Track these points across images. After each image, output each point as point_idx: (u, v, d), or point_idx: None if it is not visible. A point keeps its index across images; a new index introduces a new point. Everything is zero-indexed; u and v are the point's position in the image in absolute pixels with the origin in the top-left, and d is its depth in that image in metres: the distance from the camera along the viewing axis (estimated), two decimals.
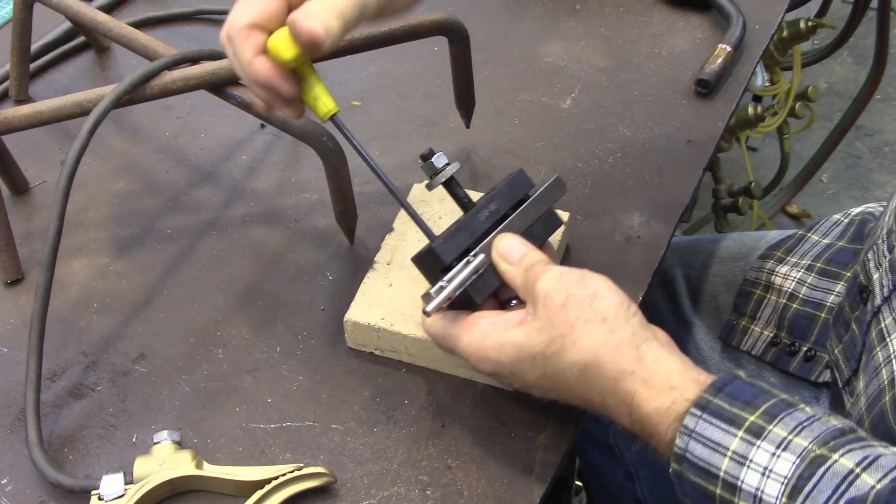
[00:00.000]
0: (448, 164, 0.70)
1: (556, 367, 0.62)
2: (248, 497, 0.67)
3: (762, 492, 0.55)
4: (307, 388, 0.76)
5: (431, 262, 0.68)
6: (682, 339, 1.01)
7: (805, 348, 0.88)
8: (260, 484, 0.67)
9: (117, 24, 0.90)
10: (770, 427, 0.56)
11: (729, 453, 0.56)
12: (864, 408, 0.68)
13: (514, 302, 0.69)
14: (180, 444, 0.70)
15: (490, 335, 0.65)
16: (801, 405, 0.57)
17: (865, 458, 0.53)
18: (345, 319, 0.77)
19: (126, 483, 0.67)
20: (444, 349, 0.69)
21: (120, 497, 0.66)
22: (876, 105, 2.45)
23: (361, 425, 0.73)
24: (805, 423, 0.56)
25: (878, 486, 0.52)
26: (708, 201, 1.90)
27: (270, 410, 0.74)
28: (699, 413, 0.58)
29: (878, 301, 0.70)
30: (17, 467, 0.71)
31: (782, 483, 0.54)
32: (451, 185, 0.71)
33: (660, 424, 0.60)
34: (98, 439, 0.73)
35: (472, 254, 0.67)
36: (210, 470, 0.69)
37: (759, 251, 0.99)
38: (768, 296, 0.93)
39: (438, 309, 0.66)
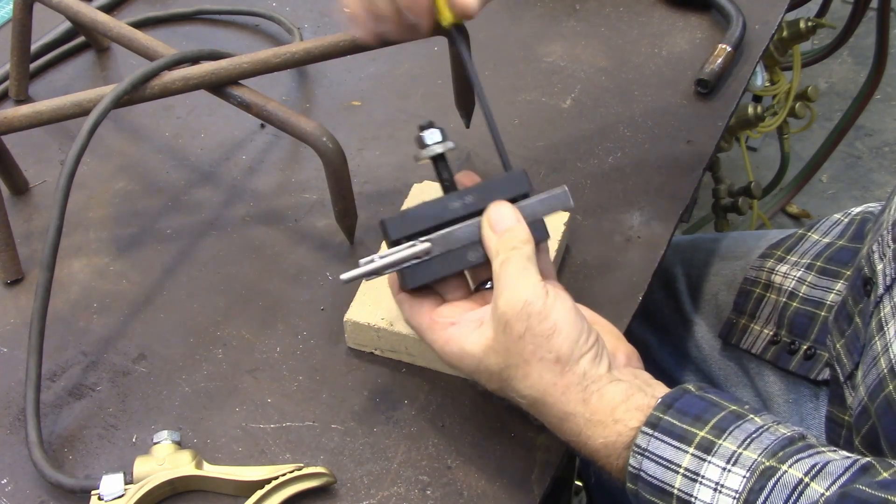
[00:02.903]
0: (438, 143, 0.69)
1: (510, 389, 0.64)
2: (248, 497, 0.67)
3: None
4: (307, 388, 0.76)
5: (384, 233, 0.68)
6: (683, 338, 1.02)
7: (805, 346, 0.88)
8: (260, 484, 0.67)
9: (117, 24, 0.90)
10: (720, 441, 0.57)
11: (681, 470, 0.57)
12: (866, 397, 0.68)
13: (488, 285, 0.67)
14: (180, 444, 0.70)
15: (451, 341, 0.66)
16: (750, 416, 0.58)
17: (814, 465, 0.54)
18: (345, 319, 0.77)
19: (126, 483, 0.67)
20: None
21: (120, 497, 0.66)
22: (876, 105, 2.45)
23: (361, 425, 0.73)
24: (754, 435, 0.57)
25: (828, 493, 0.52)
26: (708, 201, 1.90)
27: (270, 410, 0.74)
28: (650, 431, 0.59)
29: (880, 291, 0.70)
30: (17, 467, 0.71)
31: (734, 498, 0.55)
32: (437, 165, 0.70)
33: (609, 456, 0.61)
34: (98, 439, 0.73)
35: (420, 239, 0.67)
36: (210, 470, 0.69)
37: (759, 250, 0.99)
38: (768, 294, 0.93)
39: (357, 280, 0.66)
